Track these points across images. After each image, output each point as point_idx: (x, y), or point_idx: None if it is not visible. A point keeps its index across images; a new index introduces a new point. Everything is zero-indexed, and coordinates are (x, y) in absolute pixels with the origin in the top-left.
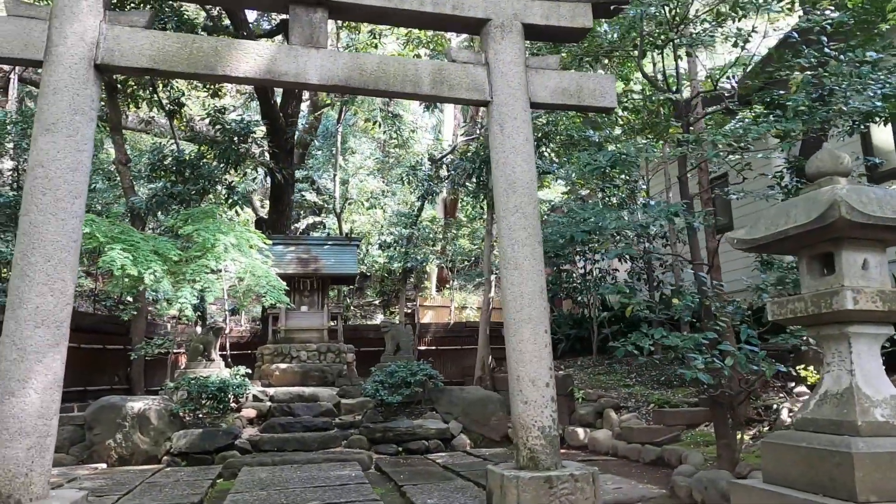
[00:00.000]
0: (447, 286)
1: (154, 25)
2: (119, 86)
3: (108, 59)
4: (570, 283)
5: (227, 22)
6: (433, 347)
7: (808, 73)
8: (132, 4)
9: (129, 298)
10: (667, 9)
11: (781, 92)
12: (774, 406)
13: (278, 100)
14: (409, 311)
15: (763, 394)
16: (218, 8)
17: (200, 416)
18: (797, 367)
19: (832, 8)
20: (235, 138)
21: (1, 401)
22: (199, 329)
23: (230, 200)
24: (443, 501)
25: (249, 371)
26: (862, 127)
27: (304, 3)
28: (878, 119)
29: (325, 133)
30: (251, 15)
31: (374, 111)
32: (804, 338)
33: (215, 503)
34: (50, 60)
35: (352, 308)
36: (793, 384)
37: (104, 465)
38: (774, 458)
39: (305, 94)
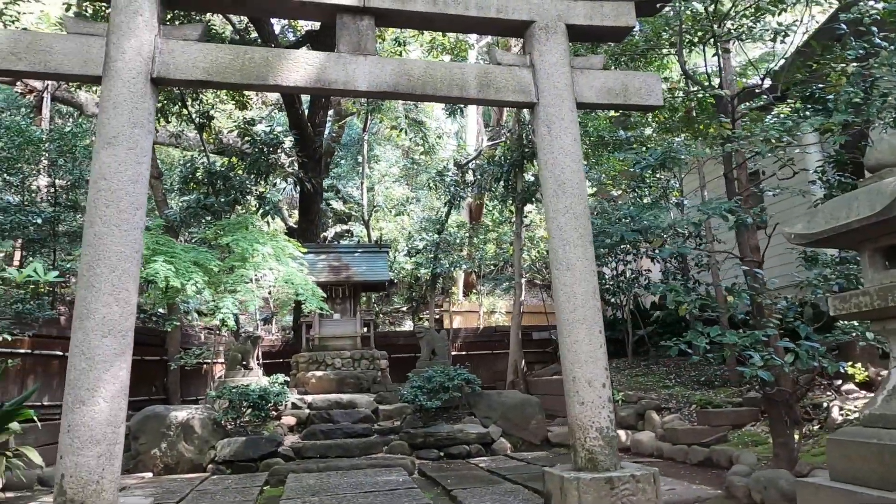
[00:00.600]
0: (474, 291)
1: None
2: None
3: (163, 72)
4: (602, 284)
5: (254, 35)
6: (463, 352)
7: (855, 64)
8: (175, 15)
9: (161, 310)
10: (705, 4)
11: (821, 85)
12: (824, 404)
13: (305, 109)
14: (438, 316)
15: (809, 392)
16: (245, 20)
17: (241, 424)
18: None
19: None
20: (265, 149)
21: (71, 409)
22: (231, 339)
23: (261, 210)
24: None
25: (287, 379)
26: None
27: (351, 12)
28: None
29: (348, 142)
30: (276, 26)
31: (399, 118)
32: (854, 334)
33: None
34: (109, 76)
35: (380, 315)
36: (839, 381)
37: (150, 475)
38: (842, 456)
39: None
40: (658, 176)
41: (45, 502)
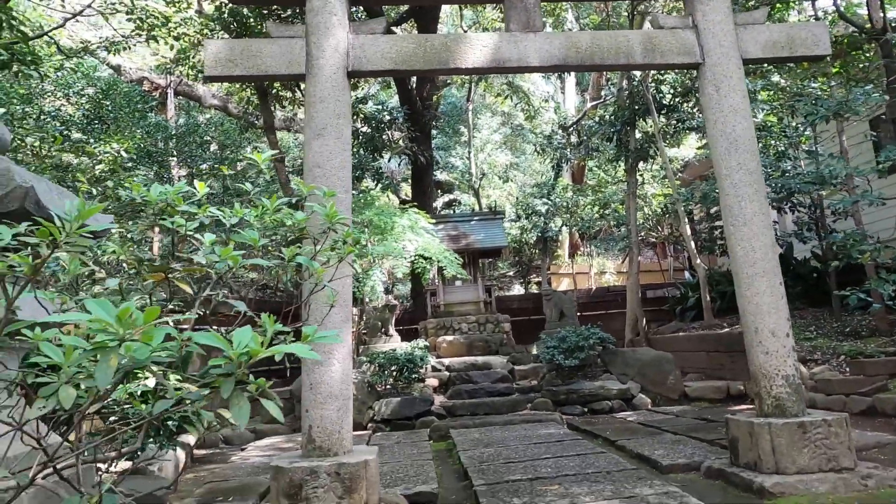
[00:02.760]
0: (579, 252)
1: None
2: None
3: (356, 66)
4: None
5: (362, 14)
6: (578, 313)
7: None
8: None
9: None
10: None
11: None
12: None
13: (413, 84)
14: (548, 279)
15: None
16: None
17: (389, 385)
18: None
19: None
20: (380, 126)
21: (311, 370)
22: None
23: (380, 185)
24: (672, 453)
25: (427, 344)
26: None
27: None
28: None
29: (445, 112)
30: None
31: (503, 86)
32: None
33: (443, 461)
34: (312, 73)
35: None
36: None
37: None
38: None
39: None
40: (795, 124)
41: (245, 457)
